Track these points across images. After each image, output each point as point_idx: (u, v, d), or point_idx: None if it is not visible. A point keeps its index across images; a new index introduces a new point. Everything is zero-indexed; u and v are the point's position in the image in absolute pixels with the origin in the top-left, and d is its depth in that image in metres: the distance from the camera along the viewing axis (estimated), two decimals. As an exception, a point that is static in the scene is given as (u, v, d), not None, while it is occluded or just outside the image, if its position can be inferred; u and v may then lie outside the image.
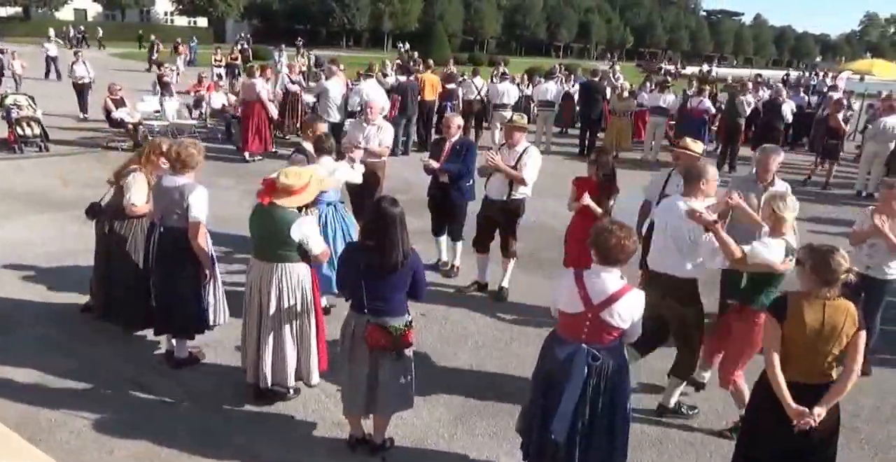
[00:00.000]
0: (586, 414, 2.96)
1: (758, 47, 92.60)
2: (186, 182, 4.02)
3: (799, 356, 2.81)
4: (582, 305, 2.90)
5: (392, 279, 3.21)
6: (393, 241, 3.15)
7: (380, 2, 59.03)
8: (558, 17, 72.06)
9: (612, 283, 2.88)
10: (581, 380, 2.91)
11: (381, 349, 3.23)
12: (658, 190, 5.04)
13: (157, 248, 4.11)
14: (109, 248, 4.57)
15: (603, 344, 2.95)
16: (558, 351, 3.00)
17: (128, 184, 4.42)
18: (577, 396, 2.92)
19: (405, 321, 3.30)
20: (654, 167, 11.99)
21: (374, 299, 3.23)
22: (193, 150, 4.05)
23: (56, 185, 8.60)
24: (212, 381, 4.20)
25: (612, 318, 2.88)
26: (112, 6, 51.99)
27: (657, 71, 31.92)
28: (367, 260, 3.19)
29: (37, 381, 4.10)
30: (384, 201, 3.23)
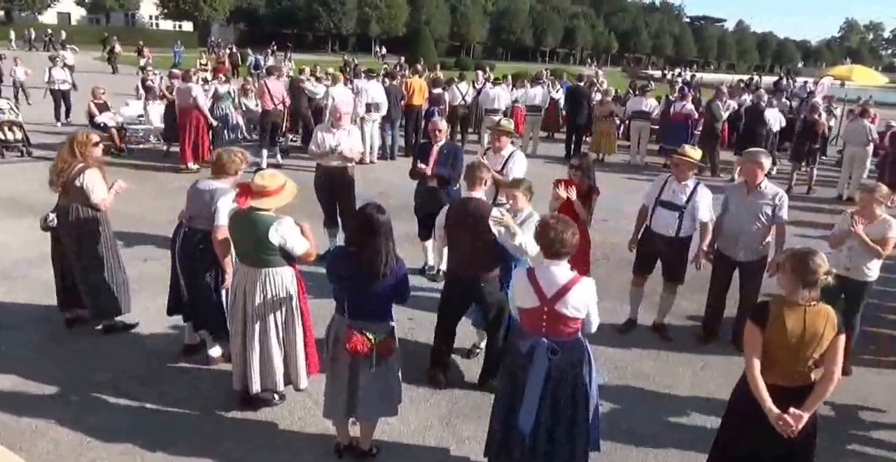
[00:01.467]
0: (548, 407, 3.02)
1: (741, 53, 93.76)
2: (219, 186, 4.07)
3: (780, 360, 2.85)
4: (537, 300, 2.99)
5: (376, 287, 3.20)
6: (378, 249, 3.14)
7: (366, 6, 59.10)
8: (544, 23, 72.54)
9: (562, 276, 2.98)
10: (543, 372, 2.99)
11: (358, 355, 3.21)
12: (655, 195, 5.10)
13: (181, 248, 4.18)
14: (79, 247, 4.53)
15: (562, 337, 3.02)
16: (520, 345, 3.09)
17: (86, 185, 4.42)
18: (539, 389, 2.99)
19: (388, 329, 3.29)
20: (641, 171, 12.13)
21: (357, 305, 3.22)
22: (235, 157, 4.11)
23: (37, 189, 8.48)
24: (195, 387, 4.16)
25: (566, 310, 2.96)
26: (96, 10, 51.59)
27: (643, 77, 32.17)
28: (352, 266, 3.18)
29: (17, 387, 4.04)
30: (369, 207, 3.21)
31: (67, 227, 4.51)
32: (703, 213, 4.92)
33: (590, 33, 77.55)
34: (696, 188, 4.97)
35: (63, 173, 4.45)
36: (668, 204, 5.00)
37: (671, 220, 4.97)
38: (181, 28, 55.13)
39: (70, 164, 4.45)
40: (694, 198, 4.93)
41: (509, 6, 72.58)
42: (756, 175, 4.76)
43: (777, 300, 2.89)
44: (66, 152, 4.48)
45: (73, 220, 4.49)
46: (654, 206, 5.09)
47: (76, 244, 4.53)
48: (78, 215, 4.50)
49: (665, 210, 5.00)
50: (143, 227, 7.04)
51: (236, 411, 3.91)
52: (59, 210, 4.55)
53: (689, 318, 5.66)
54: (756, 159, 4.77)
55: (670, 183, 5.05)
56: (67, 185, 4.45)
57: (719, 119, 12.02)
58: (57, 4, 48.55)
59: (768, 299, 2.97)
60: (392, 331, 3.33)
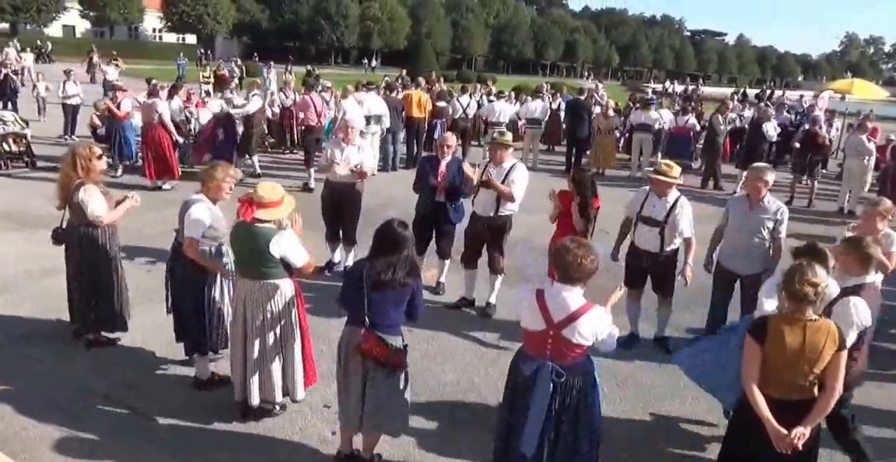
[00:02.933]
0: (551, 429, 2.97)
1: (741, 66, 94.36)
2: (194, 198, 4.06)
3: (779, 376, 2.84)
4: (544, 323, 2.92)
5: (395, 298, 3.27)
6: (404, 262, 3.25)
7: (368, 20, 59.66)
8: (545, 37, 73.14)
9: (573, 301, 2.89)
10: (546, 396, 2.92)
11: (374, 359, 3.23)
12: (636, 209, 5.07)
13: (169, 261, 4.19)
14: (96, 262, 4.53)
15: (568, 361, 2.95)
16: (523, 367, 3.02)
17: (83, 200, 4.37)
18: (543, 412, 2.92)
19: (400, 343, 3.33)
20: (643, 184, 12.14)
21: (375, 314, 3.27)
22: (212, 170, 4.08)
23: (38, 202, 8.49)
24: (195, 398, 4.15)
25: (573, 337, 2.88)
26: (100, 23, 52.05)
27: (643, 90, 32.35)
28: (375, 274, 3.23)
29: (18, 398, 4.03)
30: (394, 223, 3.33)
31: (71, 242, 4.52)
32: (684, 229, 4.88)
33: (590, 47, 78.15)
34: (676, 203, 4.91)
35: (65, 188, 4.43)
36: (649, 219, 4.95)
37: (652, 236, 4.96)
38: (185, 41, 55.61)
39: (71, 179, 4.41)
40: (674, 213, 4.88)
41: (511, 20, 73.23)
42: (760, 190, 4.75)
43: (776, 315, 2.89)
44: (69, 166, 4.43)
45: (76, 235, 4.49)
46: (635, 220, 5.06)
47: (79, 259, 4.52)
48: (80, 231, 4.48)
49: (646, 226, 4.98)
50: (141, 240, 7.04)
51: (237, 422, 3.90)
52: (68, 224, 4.57)
53: (691, 330, 5.65)
54: (761, 175, 4.76)
55: (651, 197, 4.99)
56: (69, 201, 4.44)
57: (720, 133, 12.08)
58: (62, 17, 48.98)
59: (768, 314, 2.97)
60: (404, 347, 3.36)
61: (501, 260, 5.71)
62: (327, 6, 57.32)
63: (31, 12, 44.96)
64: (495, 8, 76.94)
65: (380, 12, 60.28)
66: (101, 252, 4.53)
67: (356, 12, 59.36)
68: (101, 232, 4.52)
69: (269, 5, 59.30)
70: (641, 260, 5.08)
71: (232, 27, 56.26)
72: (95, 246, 4.51)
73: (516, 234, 5.92)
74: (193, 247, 3.95)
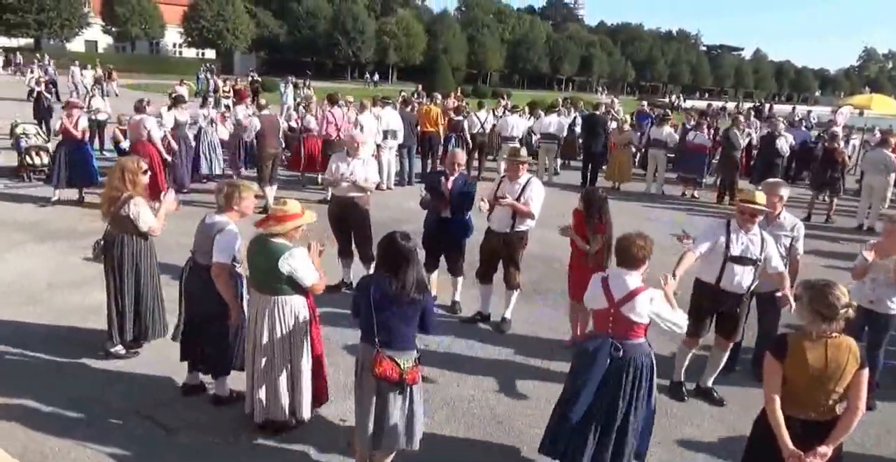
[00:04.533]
0: (603, 403, 3.28)
1: (758, 81, 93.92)
2: (220, 220, 4.01)
3: (801, 394, 2.80)
4: (606, 302, 3.40)
5: (404, 313, 3.24)
6: (409, 276, 3.21)
7: (385, 35, 60.35)
8: (560, 51, 73.43)
9: (631, 283, 3.37)
10: (603, 367, 3.27)
11: (386, 381, 3.22)
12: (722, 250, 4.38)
13: (186, 283, 4.15)
14: (140, 272, 4.61)
15: (628, 338, 3.35)
16: (588, 343, 3.42)
17: (134, 212, 4.46)
18: (597, 382, 3.27)
19: (413, 357, 3.31)
20: (658, 199, 12.11)
21: (386, 332, 3.25)
22: (235, 191, 4.03)
23: (60, 214, 8.67)
24: (210, 412, 4.17)
25: (631, 314, 3.32)
26: (122, 38, 53.15)
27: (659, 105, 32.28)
28: (382, 291, 3.23)
29: (40, 409, 4.09)
30: (397, 235, 3.29)
31: (114, 255, 4.57)
32: (777, 263, 4.38)
33: (606, 62, 78.30)
34: (763, 237, 4.42)
35: (112, 202, 4.50)
36: (743, 259, 4.36)
37: (746, 276, 4.39)
38: (204, 56, 56.58)
39: (119, 192, 4.49)
40: (766, 248, 4.38)
41: (526, 35, 73.64)
42: (775, 206, 4.72)
43: (797, 333, 2.85)
44: (117, 180, 4.51)
45: (120, 248, 4.55)
46: (724, 262, 4.41)
47: (123, 271, 4.57)
48: (124, 244, 4.55)
49: (739, 266, 4.36)
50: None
51: (253, 436, 3.91)
52: (107, 237, 4.62)
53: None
54: (776, 190, 4.73)
55: (737, 234, 4.38)
56: (115, 215, 4.50)
57: (738, 147, 12.01)
58: (84, 32, 50.08)
59: (788, 332, 2.93)
60: (418, 360, 3.34)
61: (517, 275, 5.70)
62: (344, 21, 58.11)
63: (55, 27, 46.05)
64: (511, 23, 77.50)
65: (396, 28, 60.99)
66: (145, 262, 4.63)
67: (373, 28, 60.11)
68: (144, 243, 4.62)
69: (287, 21, 60.27)
70: (725, 303, 4.51)
71: (250, 42, 57.16)
72: (140, 256, 4.59)
73: (532, 249, 5.91)
74: (224, 273, 3.93)
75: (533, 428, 4.20)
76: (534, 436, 4.12)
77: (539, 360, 5.17)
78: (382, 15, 66.53)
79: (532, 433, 4.16)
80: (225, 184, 4.19)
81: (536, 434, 4.13)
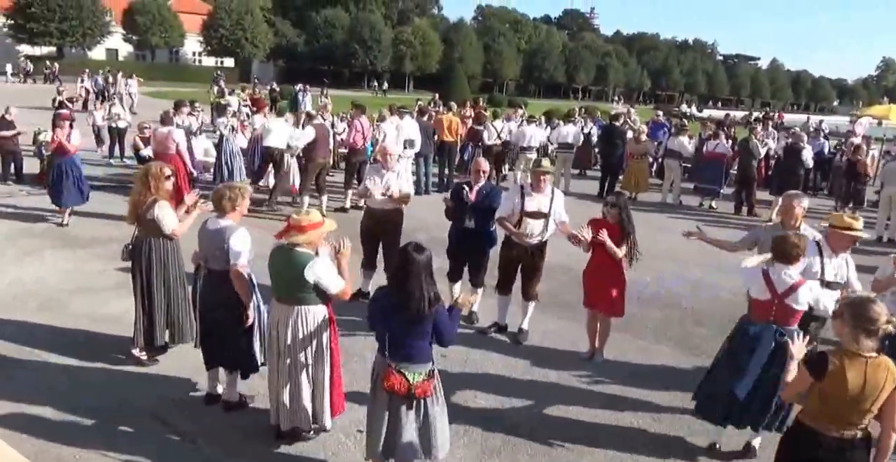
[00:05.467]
0: (768, 381, 3.73)
1: (774, 91, 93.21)
2: (228, 224, 4.09)
3: (837, 412, 2.76)
4: (769, 294, 3.85)
5: (414, 326, 3.22)
6: (417, 288, 3.16)
7: (401, 44, 60.76)
8: (576, 61, 73.43)
9: (793, 276, 3.83)
10: (767, 350, 3.78)
11: (395, 394, 3.22)
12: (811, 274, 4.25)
13: (202, 289, 4.20)
14: (168, 275, 4.71)
15: (788, 325, 3.83)
16: (750, 328, 3.91)
17: (157, 216, 4.57)
18: (761, 365, 3.77)
19: (427, 370, 3.28)
20: (675, 210, 12.04)
21: (396, 345, 3.24)
22: (231, 193, 4.13)
23: (77, 221, 8.76)
24: (233, 420, 4.20)
25: (794, 304, 3.80)
26: (142, 47, 54.02)
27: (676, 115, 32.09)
28: (392, 304, 3.23)
29: (57, 415, 4.14)
30: (410, 246, 3.26)
31: (142, 258, 4.67)
32: (858, 287, 4.38)
33: (622, 71, 78.17)
34: (847, 260, 4.46)
35: (138, 206, 4.62)
36: (832, 284, 4.34)
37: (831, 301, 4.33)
38: (223, 64, 57.29)
39: (144, 197, 4.61)
40: (850, 271, 4.43)
41: (542, 44, 73.79)
42: (795, 218, 4.69)
43: (837, 351, 2.78)
44: (141, 185, 4.65)
45: (147, 251, 4.66)
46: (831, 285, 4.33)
47: (151, 274, 4.66)
48: (151, 247, 4.65)
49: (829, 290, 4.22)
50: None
51: (270, 444, 3.93)
52: (136, 242, 4.73)
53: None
54: (796, 202, 4.70)
55: (828, 258, 4.37)
56: (141, 218, 4.62)
57: (757, 157, 11.92)
58: (105, 41, 50.96)
59: (828, 349, 2.87)
60: (432, 372, 3.32)
61: (536, 286, 5.69)
62: (361, 31, 58.61)
63: (77, 36, 46.95)
64: (527, 32, 77.76)
65: (413, 37, 61.38)
66: (173, 265, 4.72)
67: (389, 37, 60.55)
68: (172, 245, 4.72)
69: (305, 30, 60.92)
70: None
71: (268, 51, 57.81)
72: (167, 259, 4.69)
73: (550, 259, 5.90)
74: (241, 274, 4.00)
75: (551, 439, 4.19)
76: (552, 446, 4.12)
77: (557, 371, 5.15)
78: (399, 24, 67.04)
79: (550, 444, 4.14)
80: (225, 187, 4.26)
81: (554, 445, 4.13)
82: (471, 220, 5.67)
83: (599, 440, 4.25)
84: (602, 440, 4.25)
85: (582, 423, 4.44)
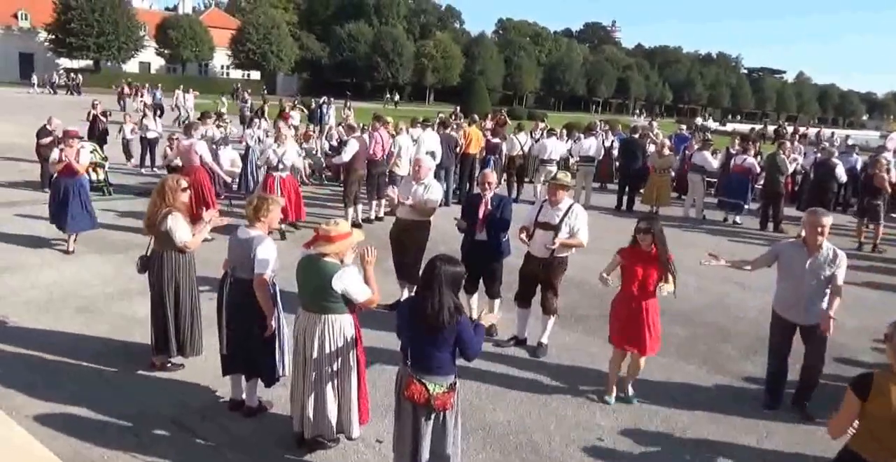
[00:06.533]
0: None
1: (801, 105, 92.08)
2: (256, 234, 4.16)
3: (883, 435, 2.71)
4: None
5: (437, 337, 3.24)
6: (438, 299, 3.19)
7: (423, 57, 61.39)
8: (597, 74, 73.40)
9: None
10: None
11: (415, 404, 3.24)
12: None
13: (228, 297, 4.25)
14: (180, 286, 4.77)
15: None
16: None
17: (170, 228, 4.64)
18: None
19: (448, 383, 3.30)
20: (698, 224, 11.93)
21: (417, 355, 3.28)
22: (266, 205, 4.20)
23: (115, 227, 9.01)
24: (255, 427, 4.26)
25: None
26: (174, 60, 55.39)
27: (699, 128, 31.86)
28: (415, 314, 3.27)
29: (89, 416, 4.24)
30: (439, 259, 3.30)
31: (155, 270, 4.76)
32: None
33: (643, 84, 77.95)
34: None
35: (153, 217, 4.71)
36: None
37: None
38: (249, 77, 58.40)
39: (159, 208, 4.70)
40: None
41: (563, 57, 73.93)
42: (817, 235, 4.55)
43: (883, 372, 2.75)
44: (157, 197, 4.73)
45: (160, 263, 4.74)
46: None
47: (164, 284, 4.74)
48: (164, 259, 4.73)
49: None
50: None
51: (291, 452, 3.97)
52: (153, 253, 4.82)
53: (748, 379, 5.46)
54: (818, 219, 4.56)
55: None
56: (156, 230, 4.71)
57: (784, 172, 11.77)
58: (139, 55, 52.40)
59: (875, 371, 2.84)
60: (453, 385, 3.34)
61: (555, 300, 5.68)
62: (384, 44, 59.42)
63: (113, 50, 48.43)
64: (548, 46, 78.08)
65: (434, 50, 62.00)
66: (185, 278, 4.79)
67: (411, 50, 61.28)
68: (184, 257, 4.79)
69: (329, 43, 61.89)
70: None
71: (293, 64, 58.81)
72: (180, 271, 4.76)
73: (570, 273, 5.90)
74: (265, 284, 4.07)
75: (570, 454, 4.17)
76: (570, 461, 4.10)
77: (575, 386, 5.13)
78: (421, 38, 67.80)
79: (568, 458, 4.12)
80: (255, 197, 4.35)
81: (573, 459, 4.11)
82: (482, 231, 5.71)
83: (620, 457, 4.21)
84: (623, 457, 4.22)
85: (602, 439, 4.40)
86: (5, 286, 6.45)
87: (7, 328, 5.49)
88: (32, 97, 35.76)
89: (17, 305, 5.97)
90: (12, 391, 4.44)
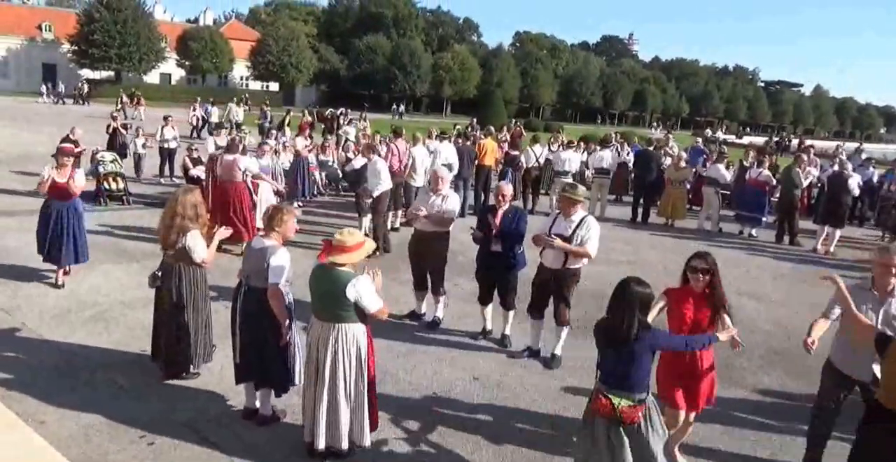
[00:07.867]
0: None
1: (818, 118, 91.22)
2: (271, 244, 4.20)
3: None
4: None
5: (622, 354, 3.35)
6: (630, 321, 3.30)
7: (440, 69, 61.83)
8: (614, 86, 73.38)
9: None
10: None
11: (602, 417, 3.36)
12: None
13: (242, 306, 4.29)
14: (194, 299, 4.81)
15: None
16: None
17: (189, 245, 4.65)
18: None
19: (636, 398, 3.35)
20: (714, 237, 11.85)
21: (607, 370, 3.43)
22: (280, 215, 4.23)
23: (134, 236, 9.14)
24: (269, 436, 4.28)
25: None
26: (194, 72, 56.31)
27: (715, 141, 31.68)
28: (607, 332, 3.42)
29: (105, 423, 4.29)
30: (632, 280, 3.41)
31: (170, 284, 4.76)
32: None
33: (660, 97, 77.76)
34: None
35: (169, 232, 4.71)
36: None
37: None
38: (268, 88, 59.14)
39: (175, 223, 4.68)
40: None
41: (580, 70, 74.04)
42: (891, 277, 3.82)
43: None
44: (173, 210, 4.72)
45: (178, 277, 4.74)
46: None
47: (176, 300, 4.75)
48: (180, 274, 4.74)
49: None
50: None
51: (304, 460, 3.98)
52: (164, 267, 4.82)
53: (762, 392, 5.40)
54: (891, 259, 3.81)
55: None
56: (172, 245, 4.71)
57: (799, 186, 11.68)
58: (160, 66, 53.34)
59: None
60: (642, 401, 3.36)
61: (567, 312, 5.67)
62: (402, 56, 59.96)
63: (134, 62, 49.36)
64: (565, 58, 78.26)
65: (452, 62, 62.44)
66: (199, 290, 4.84)
67: (429, 62, 61.76)
68: (199, 272, 4.83)
69: (347, 55, 62.60)
70: None
71: (312, 76, 59.50)
72: (194, 285, 4.80)
73: (584, 285, 5.89)
74: (279, 293, 4.11)
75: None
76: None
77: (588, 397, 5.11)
78: (439, 50, 68.35)
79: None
80: (271, 206, 4.39)
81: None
82: (497, 243, 5.74)
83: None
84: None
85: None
86: (21, 294, 6.55)
87: (23, 336, 5.58)
88: (50, 107, 36.45)
89: (32, 313, 6.05)
90: (28, 397, 4.51)
